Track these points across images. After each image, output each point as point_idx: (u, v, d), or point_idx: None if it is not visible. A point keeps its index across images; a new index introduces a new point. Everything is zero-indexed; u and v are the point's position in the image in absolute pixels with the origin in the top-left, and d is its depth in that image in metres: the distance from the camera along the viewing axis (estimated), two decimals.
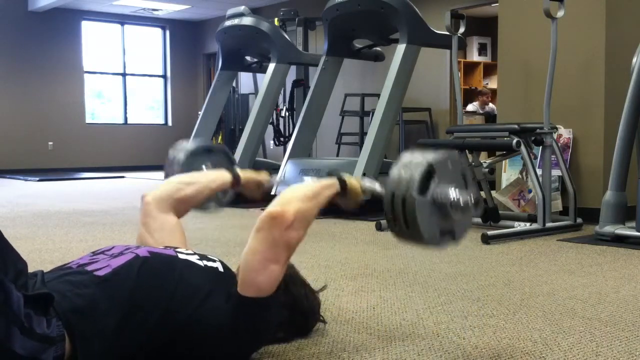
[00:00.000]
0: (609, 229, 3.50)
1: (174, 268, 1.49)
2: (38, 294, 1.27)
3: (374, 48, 5.91)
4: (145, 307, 1.40)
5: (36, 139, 11.82)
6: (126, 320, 1.37)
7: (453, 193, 1.53)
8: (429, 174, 1.52)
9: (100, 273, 1.41)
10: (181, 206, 1.85)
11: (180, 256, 1.55)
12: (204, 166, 2.23)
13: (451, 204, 1.52)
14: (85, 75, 12.47)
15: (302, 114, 5.64)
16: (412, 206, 1.49)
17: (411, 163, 1.54)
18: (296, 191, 1.60)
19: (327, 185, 1.68)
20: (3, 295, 1.20)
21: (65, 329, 1.29)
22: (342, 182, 1.71)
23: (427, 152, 1.57)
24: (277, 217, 1.51)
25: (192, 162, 2.20)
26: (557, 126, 4.22)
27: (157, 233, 1.77)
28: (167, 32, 13.35)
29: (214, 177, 1.94)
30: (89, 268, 1.43)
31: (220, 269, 1.58)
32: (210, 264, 1.57)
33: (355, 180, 1.74)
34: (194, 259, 1.56)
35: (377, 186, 1.72)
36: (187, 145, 2.25)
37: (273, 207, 1.54)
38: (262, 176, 2.02)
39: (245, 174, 1.98)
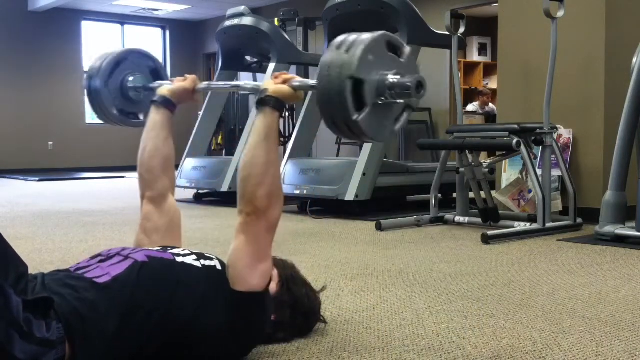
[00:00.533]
0: (609, 229, 3.50)
1: (172, 271, 1.50)
2: (38, 298, 1.28)
3: None
4: (144, 309, 1.40)
5: (36, 139, 11.81)
6: (126, 322, 1.38)
7: (390, 79, 1.43)
8: (357, 85, 1.41)
9: (100, 280, 1.41)
10: (165, 176, 1.87)
11: (178, 259, 1.55)
12: (130, 77, 2.18)
13: (394, 95, 1.43)
14: (86, 75, 12.45)
15: (302, 114, 5.64)
16: (359, 128, 1.41)
17: (332, 70, 1.41)
18: (252, 168, 1.53)
19: (268, 123, 1.57)
20: (3, 300, 1.20)
21: (65, 331, 1.29)
22: (277, 103, 1.58)
23: (347, 48, 1.43)
24: (253, 214, 1.51)
25: (116, 76, 2.15)
26: (557, 126, 4.22)
27: (154, 235, 1.79)
28: (167, 32, 13.35)
29: (156, 127, 1.90)
30: (89, 275, 1.43)
31: (218, 266, 1.58)
32: (207, 262, 1.57)
33: (282, 88, 1.61)
34: (191, 259, 1.56)
35: (309, 82, 1.60)
36: (103, 55, 2.19)
37: (244, 205, 1.53)
38: (189, 81, 1.92)
39: (172, 90, 1.91)
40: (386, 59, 1.47)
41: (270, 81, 1.65)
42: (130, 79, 2.20)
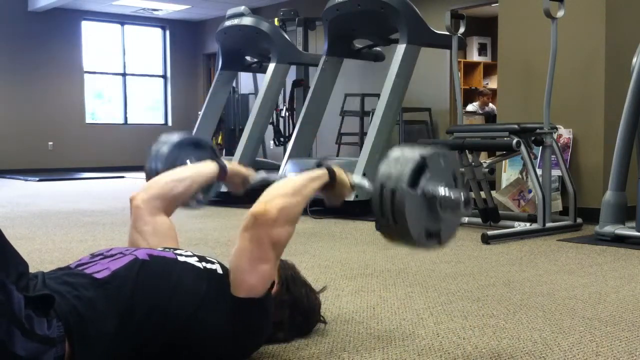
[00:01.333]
0: (609, 229, 3.50)
1: (173, 270, 1.49)
2: (39, 295, 1.28)
3: (374, 48, 5.91)
4: (144, 308, 1.40)
5: (36, 139, 11.82)
6: (125, 321, 1.37)
7: (443, 190, 1.49)
8: (421, 168, 1.48)
9: (100, 276, 1.41)
10: (170, 205, 1.82)
11: (180, 258, 1.55)
12: (188, 161, 2.11)
13: (441, 201, 1.48)
14: (85, 75, 12.47)
15: (302, 114, 5.64)
16: (402, 199, 1.44)
17: (402, 157, 1.49)
18: (280, 187, 1.58)
19: (314, 177, 1.63)
20: (4, 296, 1.20)
21: (65, 329, 1.29)
22: (332, 173, 1.66)
23: (417, 147, 1.53)
24: (261, 216, 1.50)
25: (175, 157, 2.08)
26: (557, 126, 4.22)
27: (150, 237, 1.74)
28: (167, 32, 13.35)
29: (200, 169, 1.89)
30: (88, 271, 1.43)
31: (219, 270, 1.58)
32: (209, 265, 1.57)
33: (344, 174, 1.69)
34: (193, 260, 1.56)
35: (365, 183, 1.66)
36: (170, 138, 2.12)
37: (256, 206, 1.53)
38: (248, 171, 1.95)
39: (232, 166, 1.93)
40: (448, 177, 1.54)
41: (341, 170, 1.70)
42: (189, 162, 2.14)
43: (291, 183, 1.60)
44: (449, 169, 1.55)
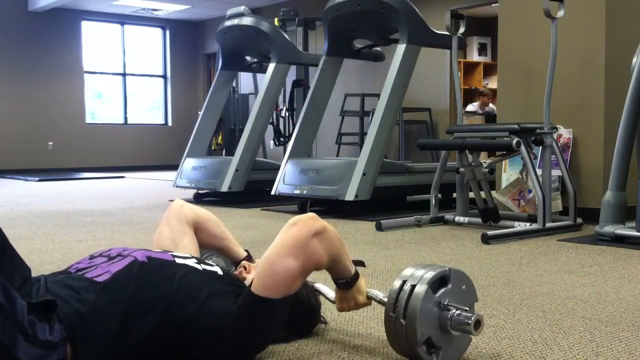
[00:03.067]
0: (609, 229, 3.50)
1: (172, 271, 1.50)
2: (42, 301, 1.29)
3: (374, 48, 5.91)
4: (145, 309, 1.41)
5: (36, 139, 11.82)
6: (126, 323, 1.38)
7: (458, 309, 1.53)
8: (445, 278, 1.54)
9: (100, 279, 1.42)
10: (197, 234, 1.86)
11: (178, 260, 1.56)
12: (214, 257, 2.11)
13: (453, 317, 1.52)
14: (85, 75, 12.48)
15: (302, 114, 5.64)
16: (420, 294, 1.49)
17: (428, 266, 1.58)
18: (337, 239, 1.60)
19: (342, 268, 1.64)
20: (8, 303, 1.22)
21: (66, 332, 1.30)
22: (356, 273, 1.68)
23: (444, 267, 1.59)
24: (314, 220, 1.53)
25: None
26: (557, 126, 4.22)
27: (179, 235, 1.80)
28: (167, 32, 13.36)
29: (236, 241, 1.95)
30: (89, 275, 1.44)
31: (220, 272, 1.58)
32: (208, 268, 1.58)
33: (364, 282, 1.71)
34: (191, 262, 1.57)
35: (381, 295, 1.69)
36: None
37: (316, 217, 1.56)
38: None
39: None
40: (462, 296, 1.58)
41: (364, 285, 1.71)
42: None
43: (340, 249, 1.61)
44: (469, 295, 1.60)
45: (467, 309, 1.53)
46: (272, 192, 5.26)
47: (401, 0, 4.86)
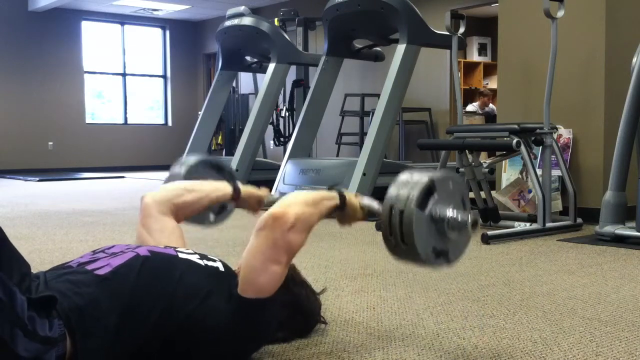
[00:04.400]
0: (609, 229, 3.50)
1: (174, 267, 1.49)
2: (41, 296, 1.29)
3: (374, 48, 5.91)
4: (145, 305, 1.40)
5: (36, 139, 11.82)
6: (126, 318, 1.38)
7: (451, 212, 1.53)
8: (429, 190, 1.52)
9: (101, 272, 1.41)
10: (179, 212, 1.83)
11: (181, 255, 1.55)
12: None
13: (448, 222, 1.52)
14: (85, 75, 12.48)
15: (302, 114, 5.65)
16: (410, 219, 1.48)
17: (410, 181, 1.54)
18: (299, 196, 1.60)
19: (327, 197, 1.66)
20: (7, 298, 1.22)
21: (65, 327, 1.30)
22: (342, 197, 1.69)
23: (427, 171, 1.57)
24: (279, 218, 1.51)
25: (192, 178, 2.11)
26: (557, 126, 4.22)
27: (157, 234, 1.76)
28: (167, 32, 13.35)
29: (214, 187, 1.91)
30: (89, 267, 1.44)
31: (221, 268, 1.58)
32: (210, 263, 1.58)
33: (354, 198, 1.72)
34: (194, 258, 1.56)
35: (375, 204, 1.70)
36: (188, 160, 2.16)
37: (275, 207, 1.54)
38: (262, 192, 1.97)
39: (245, 189, 1.95)
40: (457, 200, 1.58)
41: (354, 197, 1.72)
42: None
43: (309, 195, 1.62)
44: (457, 192, 1.59)
45: (459, 212, 1.54)
46: (272, 192, 5.25)
47: (401, 0, 4.86)
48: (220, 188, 1.91)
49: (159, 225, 1.78)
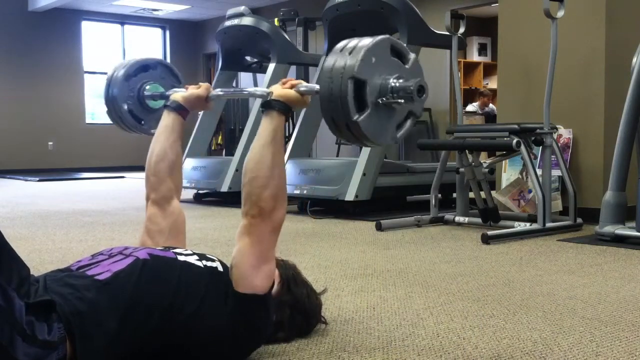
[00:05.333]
0: (609, 229, 3.50)
1: (173, 270, 1.50)
2: (40, 301, 1.29)
3: None
4: (145, 308, 1.40)
5: (36, 139, 11.82)
6: (126, 321, 1.38)
7: (391, 82, 1.45)
8: (358, 86, 1.43)
9: (101, 277, 1.41)
10: (174, 171, 1.87)
11: (180, 258, 1.56)
12: (147, 86, 2.22)
13: (395, 97, 1.44)
14: (85, 75, 12.48)
15: (302, 114, 5.64)
16: (359, 129, 1.42)
17: (334, 72, 1.45)
18: (259, 168, 1.57)
19: (274, 126, 1.63)
20: (6, 303, 1.22)
21: (66, 331, 1.30)
22: (283, 107, 1.64)
23: (349, 51, 1.46)
24: (258, 216, 1.54)
25: (133, 82, 2.18)
26: (557, 126, 4.22)
27: (158, 236, 1.80)
28: (167, 32, 13.35)
29: (166, 130, 1.89)
30: (90, 272, 1.44)
31: (220, 268, 1.58)
32: (209, 263, 1.58)
33: (289, 92, 1.65)
34: (192, 259, 1.56)
35: (315, 87, 1.61)
36: (123, 63, 2.22)
37: (248, 207, 1.56)
38: (202, 89, 1.94)
39: (185, 97, 1.93)
40: (390, 63, 1.49)
41: (277, 86, 1.69)
42: (148, 87, 2.25)
43: (264, 157, 1.58)
44: (384, 54, 1.49)
45: (399, 81, 1.47)
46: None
47: (401, 0, 4.86)
48: (169, 125, 1.89)
49: (165, 223, 1.82)
